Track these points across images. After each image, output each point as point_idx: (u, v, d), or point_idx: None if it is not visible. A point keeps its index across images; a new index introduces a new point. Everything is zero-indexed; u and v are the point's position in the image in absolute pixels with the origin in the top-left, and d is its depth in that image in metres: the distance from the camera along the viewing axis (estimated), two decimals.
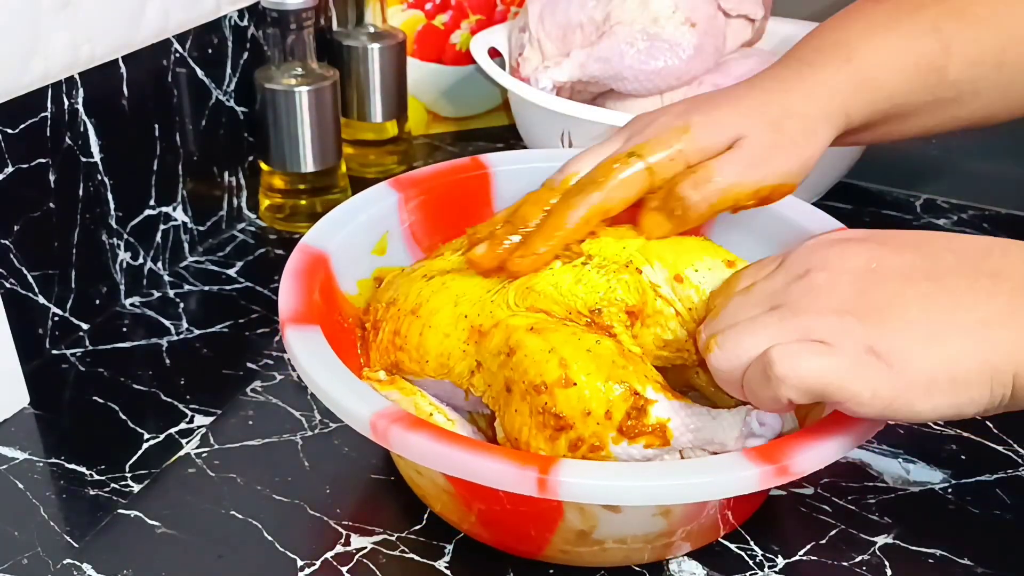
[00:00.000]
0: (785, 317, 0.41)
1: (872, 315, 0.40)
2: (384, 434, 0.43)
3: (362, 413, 0.43)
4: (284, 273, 0.52)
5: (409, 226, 0.60)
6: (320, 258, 0.54)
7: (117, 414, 0.60)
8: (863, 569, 0.51)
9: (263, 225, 0.81)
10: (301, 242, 0.54)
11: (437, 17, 0.93)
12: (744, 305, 0.44)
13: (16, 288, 0.61)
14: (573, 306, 0.48)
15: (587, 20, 0.80)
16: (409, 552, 0.51)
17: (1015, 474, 0.57)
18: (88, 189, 0.65)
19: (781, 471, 0.41)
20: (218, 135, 0.76)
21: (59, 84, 0.61)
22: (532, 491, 0.41)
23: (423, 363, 0.50)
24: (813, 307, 0.41)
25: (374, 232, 0.58)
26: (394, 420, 0.43)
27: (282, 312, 0.49)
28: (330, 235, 0.56)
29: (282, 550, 0.51)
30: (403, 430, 0.42)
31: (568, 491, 0.41)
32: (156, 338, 0.67)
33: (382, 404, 0.44)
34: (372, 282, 0.58)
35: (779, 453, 0.42)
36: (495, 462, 0.41)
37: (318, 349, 0.47)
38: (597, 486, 0.41)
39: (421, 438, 0.42)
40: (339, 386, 0.45)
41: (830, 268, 0.42)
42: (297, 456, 0.57)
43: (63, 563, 0.50)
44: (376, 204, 0.58)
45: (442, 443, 0.42)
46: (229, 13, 0.75)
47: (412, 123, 0.94)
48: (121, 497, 0.54)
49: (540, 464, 0.41)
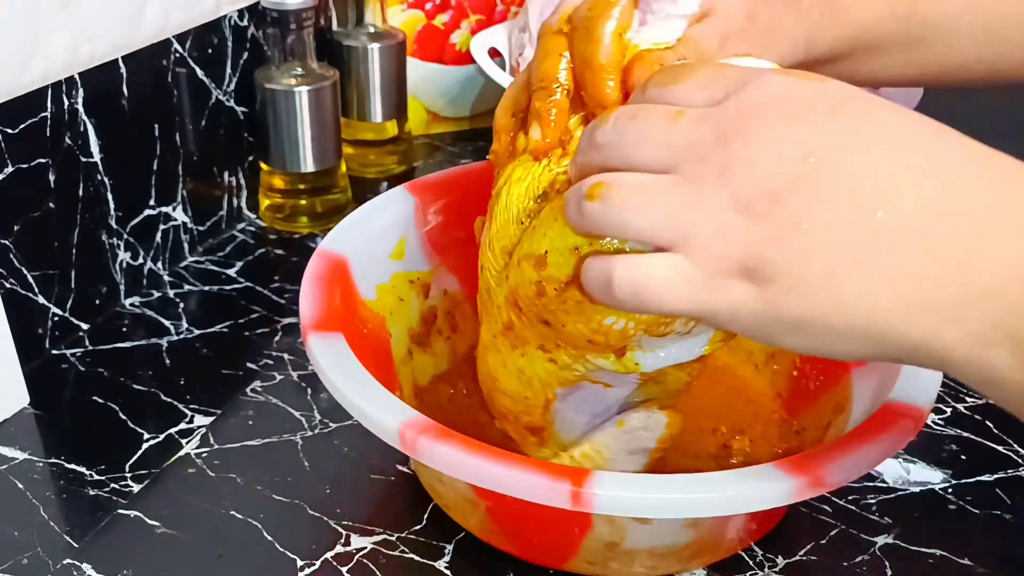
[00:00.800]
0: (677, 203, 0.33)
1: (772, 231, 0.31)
2: (412, 444, 0.42)
3: (390, 423, 0.43)
4: (304, 278, 0.51)
5: (426, 231, 0.59)
6: (340, 263, 0.53)
7: (117, 414, 0.60)
8: (863, 569, 0.51)
9: (263, 225, 0.81)
10: (320, 246, 0.54)
11: (437, 17, 0.93)
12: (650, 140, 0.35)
13: (16, 288, 0.61)
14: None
15: None
16: (409, 552, 0.51)
17: (1015, 474, 0.57)
18: (88, 189, 0.65)
19: (816, 482, 0.40)
20: (218, 135, 0.76)
21: (59, 84, 0.61)
22: (565, 504, 0.40)
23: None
24: (712, 195, 0.32)
25: (391, 236, 0.58)
26: (422, 430, 0.42)
27: (304, 318, 0.48)
28: (349, 239, 0.55)
29: (282, 550, 0.51)
30: (431, 440, 0.42)
31: (602, 504, 0.40)
32: (156, 338, 0.67)
33: (410, 414, 0.43)
34: (391, 287, 0.57)
35: (813, 465, 0.41)
36: (527, 474, 0.40)
37: (342, 357, 0.46)
38: (631, 499, 0.40)
39: (450, 449, 0.41)
40: (365, 396, 0.44)
41: (756, 146, 0.32)
42: (297, 456, 0.57)
43: (63, 563, 0.50)
44: (393, 208, 0.58)
45: (472, 454, 0.41)
46: (229, 13, 0.75)
47: (412, 123, 0.94)
48: (121, 497, 0.54)
49: (573, 476, 0.40)
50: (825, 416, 0.53)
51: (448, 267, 0.61)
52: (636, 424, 0.47)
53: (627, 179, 0.34)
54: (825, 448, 0.42)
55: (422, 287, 0.60)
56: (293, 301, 0.71)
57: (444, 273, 0.61)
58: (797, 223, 0.31)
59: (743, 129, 0.32)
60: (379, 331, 0.55)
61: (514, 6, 0.94)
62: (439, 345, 0.61)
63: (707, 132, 0.33)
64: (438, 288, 0.61)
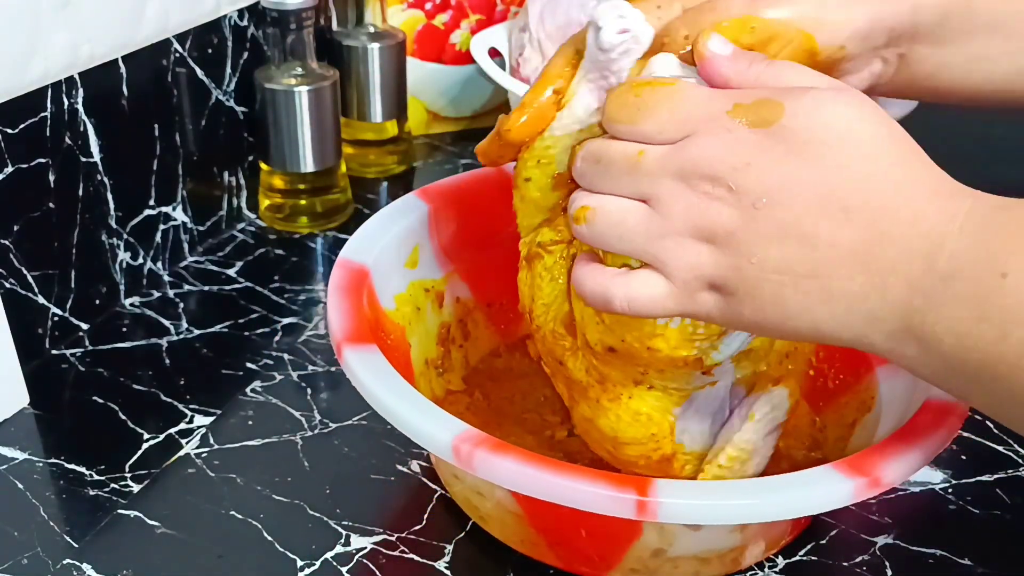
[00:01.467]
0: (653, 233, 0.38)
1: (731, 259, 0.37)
2: (468, 459, 0.41)
3: (442, 438, 0.42)
4: (331, 289, 0.50)
5: (439, 238, 0.59)
6: (362, 273, 0.52)
7: (117, 414, 0.60)
8: (863, 569, 0.51)
9: (263, 225, 0.81)
10: (341, 256, 0.53)
11: (437, 17, 0.93)
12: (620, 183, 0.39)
13: (16, 288, 0.61)
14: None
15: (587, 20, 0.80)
16: (409, 552, 0.51)
17: (1015, 474, 0.57)
18: (88, 189, 0.65)
19: (874, 483, 0.41)
20: (218, 135, 0.76)
21: (59, 84, 0.61)
22: (631, 514, 0.39)
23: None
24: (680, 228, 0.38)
25: (407, 244, 0.57)
26: (477, 444, 0.41)
27: (335, 332, 0.47)
28: (368, 249, 0.54)
29: (282, 550, 0.51)
30: (488, 453, 0.41)
31: (668, 512, 0.39)
32: (156, 338, 0.67)
33: (462, 427, 0.42)
34: (408, 296, 0.57)
35: (869, 465, 0.41)
36: (590, 485, 0.40)
37: (382, 370, 0.45)
38: (697, 505, 0.40)
39: (508, 462, 0.40)
40: (414, 410, 0.43)
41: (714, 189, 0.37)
42: (297, 456, 0.57)
43: (63, 563, 0.50)
44: (407, 215, 0.57)
45: (531, 466, 0.40)
46: (229, 13, 0.75)
47: (412, 123, 0.94)
48: (121, 497, 0.54)
49: (637, 486, 0.39)
50: (849, 415, 0.52)
51: (460, 274, 0.60)
52: (766, 409, 0.48)
53: (607, 207, 0.40)
54: (877, 448, 0.42)
55: (436, 296, 0.59)
56: (293, 301, 0.71)
57: (456, 280, 0.60)
58: (749, 256, 0.37)
59: (699, 171, 0.37)
60: (400, 342, 0.55)
61: (514, 6, 0.94)
62: (456, 355, 0.60)
63: (670, 174, 0.38)
64: (451, 296, 0.60)
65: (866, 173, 0.36)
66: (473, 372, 0.61)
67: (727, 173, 0.37)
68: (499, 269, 0.57)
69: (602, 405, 0.47)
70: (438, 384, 0.59)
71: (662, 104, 0.38)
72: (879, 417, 0.50)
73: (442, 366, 0.59)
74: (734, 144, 0.37)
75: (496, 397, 0.60)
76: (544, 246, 0.47)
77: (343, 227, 0.81)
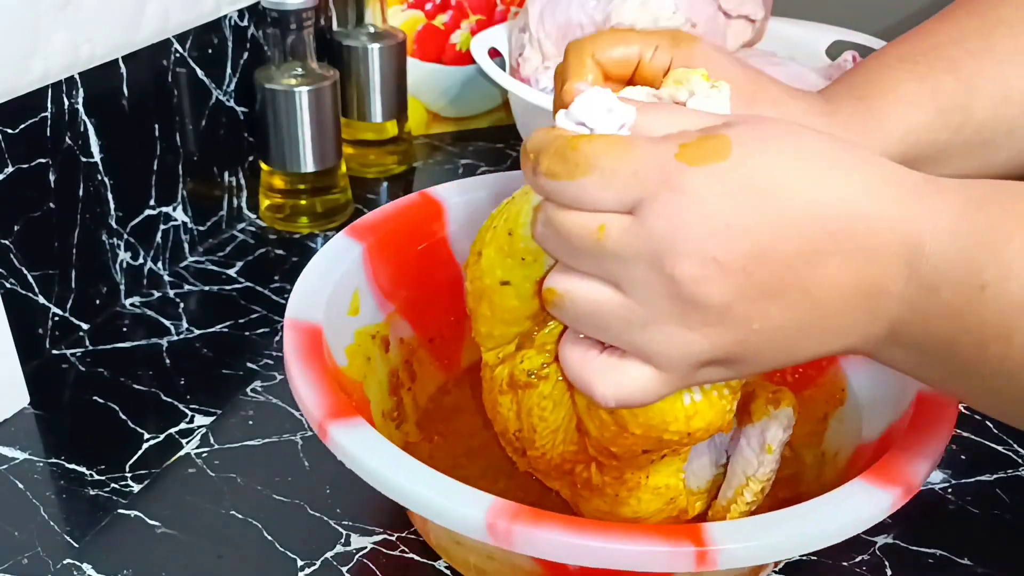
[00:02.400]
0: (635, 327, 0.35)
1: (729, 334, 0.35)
2: (507, 536, 0.37)
3: (474, 516, 0.38)
4: (289, 360, 0.45)
5: (376, 279, 0.55)
6: (315, 332, 0.47)
7: (117, 414, 0.60)
8: (863, 569, 0.51)
9: (263, 225, 0.81)
10: (290, 317, 0.48)
11: (437, 17, 0.93)
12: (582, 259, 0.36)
13: (16, 288, 0.61)
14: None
15: (587, 20, 0.80)
16: (409, 552, 0.51)
17: (1015, 474, 0.57)
18: (88, 189, 0.65)
19: (908, 491, 0.40)
20: (218, 135, 0.76)
21: (59, 84, 0.61)
22: (690, 567, 0.37)
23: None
24: (664, 315, 0.35)
25: (347, 291, 0.52)
26: (514, 517, 0.38)
27: (313, 410, 0.42)
28: (314, 303, 0.49)
29: (282, 550, 0.51)
30: (527, 527, 0.37)
31: (728, 558, 0.37)
32: (156, 338, 0.67)
33: (488, 500, 0.38)
34: (357, 347, 0.52)
35: (898, 473, 0.40)
36: (644, 545, 0.37)
37: (381, 447, 0.41)
38: (755, 546, 0.38)
39: (551, 533, 0.37)
40: (436, 490, 0.39)
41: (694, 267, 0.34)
42: (297, 456, 0.57)
43: (63, 563, 0.50)
44: (342, 259, 0.53)
45: (576, 535, 0.37)
46: (229, 13, 0.75)
47: (412, 123, 0.94)
48: (121, 497, 0.54)
49: (691, 536, 0.37)
50: (818, 408, 0.52)
51: (401, 313, 0.56)
52: (780, 436, 0.46)
53: (576, 294, 0.36)
54: (897, 453, 0.42)
55: (382, 341, 0.55)
56: None
57: (398, 320, 0.56)
58: (750, 324, 0.34)
59: (675, 250, 0.33)
60: (361, 400, 0.51)
61: (514, 6, 0.94)
62: (407, 401, 0.57)
63: (639, 255, 0.34)
64: (395, 338, 0.56)
65: (835, 197, 0.34)
66: (424, 415, 0.58)
67: (708, 244, 0.33)
68: (437, 302, 0.55)
69: (621, 497, 0.45)
70: (397, 436, 0.55)
71: (604, 158, 0.34)
72: (859, 410, 0.50)
73: (397, 417, 0.56)
74: (700, 206, 0.33)
75: (454, 437, 0.56)
76: (536, 374, 0.43)
77: (343, 227, 0.80)
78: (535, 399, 0.43)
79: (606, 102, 0.36)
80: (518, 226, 0.41)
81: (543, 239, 0.37)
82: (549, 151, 0.35)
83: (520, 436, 0.45)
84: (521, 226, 0.40)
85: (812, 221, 0.34)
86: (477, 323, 0.44)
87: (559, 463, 0.46)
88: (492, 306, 0.42)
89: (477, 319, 0.44)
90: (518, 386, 0.43)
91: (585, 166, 0.34)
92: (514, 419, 0.45)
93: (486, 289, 0.42)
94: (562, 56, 0.46)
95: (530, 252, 0.40)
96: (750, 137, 0.34)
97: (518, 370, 0.43)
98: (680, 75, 0.40)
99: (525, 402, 0.44)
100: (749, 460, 0.46)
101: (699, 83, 0.39)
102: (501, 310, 0.42)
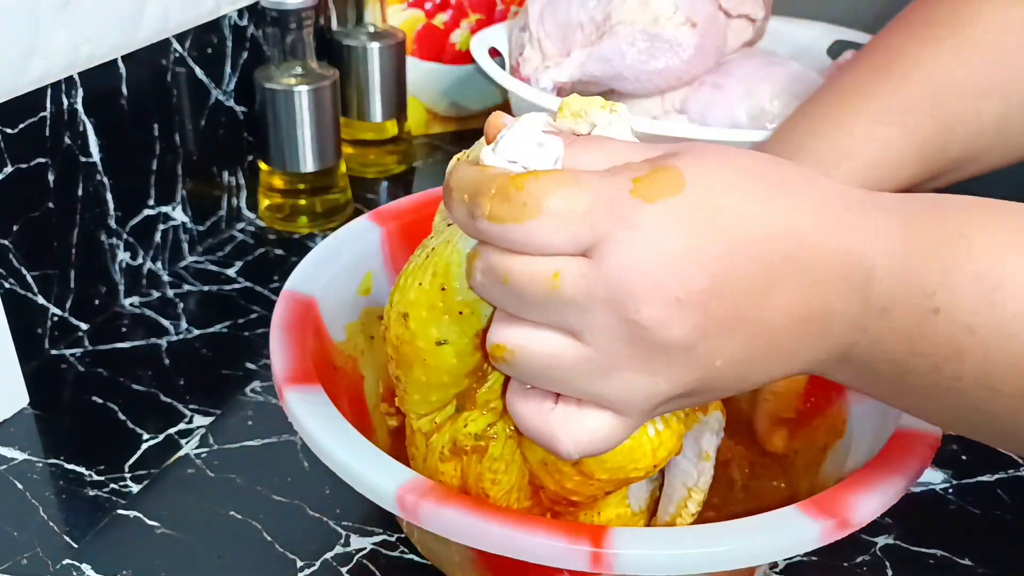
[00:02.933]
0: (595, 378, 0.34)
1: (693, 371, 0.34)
2: (413, 510, 0.39)
3: (386, 488, 0.39)
4: (273, 326, 0.48)
5: (394, 263, 0.56)
6: (308, 305, 0.49)
7: (116, 414, 0.60)
8: (863, 569, 0.51)
9: (263, 225, 0.81)
10: (286, 288, 0.50)
11: (437, 16, 0.93)
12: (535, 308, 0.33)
13: (16, 288, 0.61)
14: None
15: (587, 20, 0.80)
16: (409, 552, 0.51)
17: (1015, 474, 0.57)
18: (87, 189, 0.65)
19: (843, 524, 0.39)
20: (218, 135, 0.76)
21: (59, 84, 0.61)
22: (585, 566, 0.37)
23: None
24: (625, 364, 0.33)
25: (358, 271, 0.54)
26: (423, 494, 0.39)
27: (278, 372, 0.45)
28: (316, 278, 0.51)
29: (281, 550, 0.51)
30: (435, 505, 0.38)
31: (624, 563, 0.37)
32: (155, 338, 0.67)
33: (407, 475, 0.40)
34: (360, 326, 0.54)
35: (838, 505, 0.39)
36: (542, 537, 0.37)
37: (325, 414, 0.43)
38: (655, 556, 0.38)
39: (456, 513, 0.38)
40: (355, 459, 0.41)
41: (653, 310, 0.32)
42: (296, 456, 0.57)
43: (63, 563, 0.50)
44: (359, 240, 0.55)
45: (481, 518, 0.38)
46: (229, 13, 0.75)
47: (412, 123, 0.94)
48: (120, 497, 0.54)
49: (592, 536, 0.37)
50: (820, 439, 0.51)
51: None
52: (715, 442, 0.45)
53: (529, 349, 0.34)
54: (846, 486, 0.40)
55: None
56: None
57: None
58: (713, 360, 0.33)
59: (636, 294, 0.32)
60: (352, 374, 0.52)
61: (514, 5, 0.94)
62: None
63: (600, 304, 0.32)
64: None
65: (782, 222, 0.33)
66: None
67: (669, 283, 0.32)
68: None
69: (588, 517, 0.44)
70: (394, 416, 0.55)
71: (554, 198, 0.32)
72: (850, 445, 0.49)
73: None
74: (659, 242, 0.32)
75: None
76: (484, 437, 0.40)
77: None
78: (486, 463, 0.41)
79: (535, 136, 0.34)
80: (451, 278, 0.37)
81: (483, 289, 0.34)
82: (487, 192, 0.32)
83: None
84: (455, 278, 0.37)
85: (763, 248, 0.33)
86: (408, 391, 0.41)
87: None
88: (427, 369, 0.39)
89: (408, 386, 0.41)
90: (463, 452, 0.41)
91: (534, 207, 0.32)
92: (458, 483, 0.42)
93: (419, 352, 0.39)
94: (562, 55, 0.46)
95: (467, 305, 0.37)
96: (698, 167, 0.33)
97: (462, 435, 0.40)
98: (576, 106, 0.36)
99: (472, 468, 0.41)
100: (688, 472, 0.45)
101: (598, 114, 0.36)
102: (437, 372, 0.39)
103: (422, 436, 0.42)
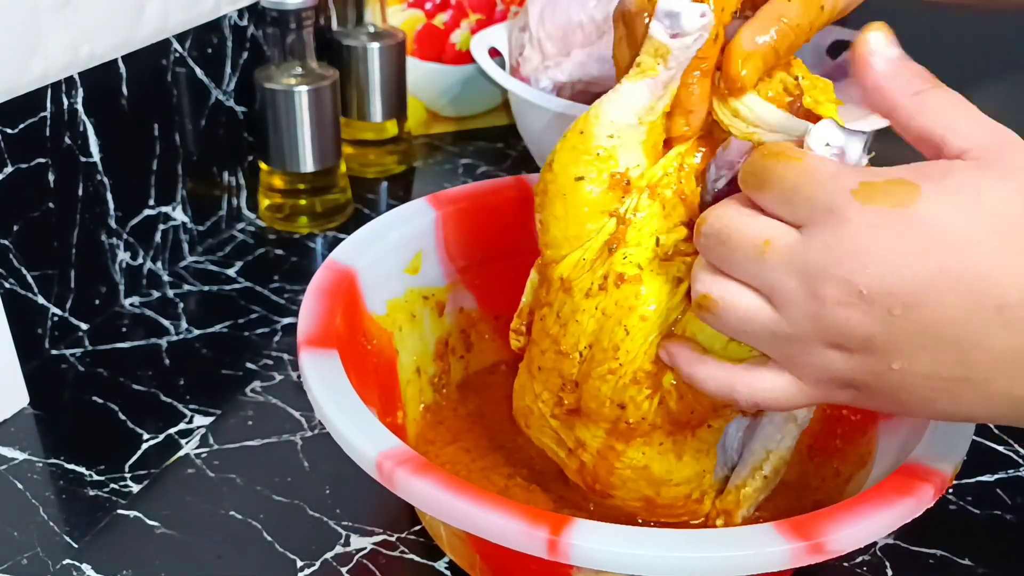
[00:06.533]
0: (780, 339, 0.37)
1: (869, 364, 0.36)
2: (389, 476, 0.40)
3: (368, 451, 0.41)
4: (308, 291, 0.49)
5: (445, 246, 0.57)
6: (347, 275, 0.51)
7: (116, 414, 0.60)
8: (863, 569, 0.51)
9: (263, 225, 0.81)
10: (329, 257, 0.52)
11: (437, 17, 0.93)
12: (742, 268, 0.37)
13: (16, 288, 0.61)
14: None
15: (587, 20, 0.80)
16: (409, 552, 0.51)
17: (1015, 474, 0.57)
18: (87, 189, 0.65)
19: (815, 549, 0.38)
20: (218, 135, 0.76)
21: (59, 84, 0.61)
22: (541, 552, 0.38)
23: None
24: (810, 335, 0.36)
25: (408, 250, 0.56)
26: (401, 462, 0.40)
27: (300, 332, 0.47)
28: (360, 251, 0.53)
29: (281, 550, 0.51)
30: (409, 474, 0.40)
31: (581, 556, 0.38)
32: (155, 338, 0.67)
33: (390, 443, 0.41)
34: (403, 303, 0.56)
35: (816, 529, 0.38)
36: (504, 518, 0.38)
37: (332, 375, 0.45)
38: (613, 553, 0.38)
39: (427, 485, 0.39)
40: (347, 419, 0.42)
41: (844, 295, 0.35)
42: (297, 456, 0.57)
43: (63, 563, 0.50)
44: (412, 221, 0.56)
45: (449, 492, 0.39)
46: (229, 13, 0.75)
47: (412, 123, 0.94)
48: (120, 497, 0.54)
49: (552, 524, 0.38)
50: (847, 469, 0.50)
51: (466, 284, 0.59)
52: (806, 413, 0.47)
53: (732, 302, 0.38)
54: (831, 511, 0.40)
55: (437, 304, 0.58)
56: (293, 301, 0.71)
57: (461, 290, 0.59)
58: (889, 362, 0.35)
59: (826, 273, 0.35)
60: (385, 347, 0.54)
61: (514, 5, 0.94)
62: (456, 367, 0.60)
63: (795, 275, 0.36)
64: (454, 306, 0.59)
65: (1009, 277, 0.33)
66: (470, 381, 0.60)
67: (856, 276, 0.34)
68: (511, 282, 0.55)
69: (665, 447, 0.45)
70: (428, 393, 0.58)
71: (785, 180, 0.36)
72: (869, 474, 0.48)
73: (440, 381, 0.59)
74: (861, 238, 0.34)
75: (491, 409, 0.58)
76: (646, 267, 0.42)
77: (343, 227, 0.81)
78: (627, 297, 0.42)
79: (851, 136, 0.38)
80: (589, 125, 0.42)
81: (706, 248, 0.38)
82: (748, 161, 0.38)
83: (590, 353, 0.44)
84: (593, 125, 0.42)
85: (978, 292, 0.33)
86: (549, 229, 0.44)
87: (622, 388, 0.44)
88: (567, 204, 0.43)
89: (549, 224, 0.44)
90: (620, 281, 0.43)
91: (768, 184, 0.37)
92: (591, 330, 0.43)
93: (560, 188, 0.43)
94: (562, 55, 0.46)
95: (603, 148, 0.42)
96: (946, 193, 0.34)
97: (620, 265, 0.43)
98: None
99: (623, 301, 0.42)
100: (771, 436, 0.47)
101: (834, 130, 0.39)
102: (576, 207, 0.43)
103: (559, 285, 0.44)
